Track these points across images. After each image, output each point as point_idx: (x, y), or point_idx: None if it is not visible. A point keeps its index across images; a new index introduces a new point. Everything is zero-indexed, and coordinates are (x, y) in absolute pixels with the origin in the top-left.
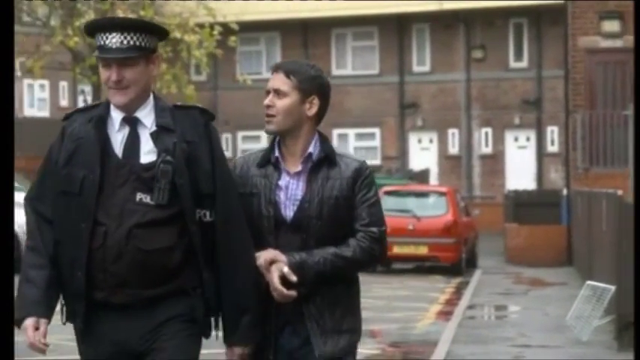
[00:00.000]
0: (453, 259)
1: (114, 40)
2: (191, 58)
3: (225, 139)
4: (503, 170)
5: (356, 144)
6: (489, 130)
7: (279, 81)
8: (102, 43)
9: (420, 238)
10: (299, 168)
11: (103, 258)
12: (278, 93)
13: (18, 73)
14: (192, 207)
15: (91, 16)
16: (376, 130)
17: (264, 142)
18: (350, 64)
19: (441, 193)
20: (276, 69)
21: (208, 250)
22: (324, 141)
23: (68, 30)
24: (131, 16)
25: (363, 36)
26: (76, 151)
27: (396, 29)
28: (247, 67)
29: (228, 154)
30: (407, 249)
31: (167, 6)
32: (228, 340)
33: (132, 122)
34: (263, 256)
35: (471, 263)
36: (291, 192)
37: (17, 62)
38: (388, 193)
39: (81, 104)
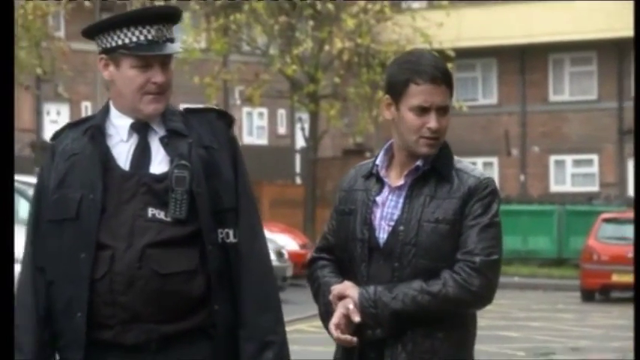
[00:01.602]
0: None
1: (153, 33)
2: None
3: None
4: None
5: (573, 170)
6: None
7: (443, 95)
8: (136, 38)
9: None
10: (401, 181)
11: (111, 288)
12: (443, 110)
13: (237, 101)
14: (212, 223)
15: (309, 44)
16: (594, 157)
17: (479, 168)
18: (567, 89)
19: None
20: (434, 79)
21: (224, 278)
22: (443, 149)
23: (286, 58)
24: (348, 44)
25: (581, 61)
26: (70, 170)
27: (615, 54)
28: (463, 94)
29: None
30: (626, 277)
31: (384, 33)
32: None
33: (142, 129)
34: (335, 290)
35: None
36: (387, 210)
37: (237, 90)
38: (607, 220)
39: (298, 132)
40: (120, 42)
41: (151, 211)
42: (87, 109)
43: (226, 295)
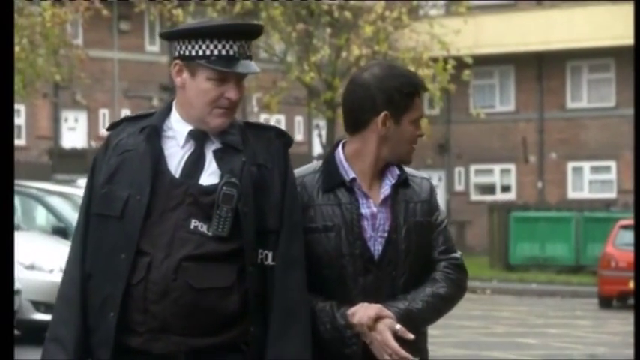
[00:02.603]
0: None
1: (234, 49)
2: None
3: (458, 172)
4: None
5: (591, 177)
6: None
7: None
8: (217, 52)
9: None
10: (387, 192)
11: (144, 295)
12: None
13: (255, 108)
14: (254, 243)
15: (326, 51)
16: (612, 164)
17: (497, 175)
18: (585, 96)
19: None
20: (422, 89)
21: (260, 299)
22: None
23: (304, 66)
24: (365, 51)
25: (599, 68)
26: (121, 166)
27: (633, 60)
28: (481, 101)
29: (461, 187)
30: None
31: (402, 40)
32: None
33: (200, 138)
34: (364, 313)
35: None
36: (379, 222)
37: (254, 97)
38: (624, 227)
39: (315, 139)
40: (200, 52)
41: (193, 223)
42: (105, 116)
43: (263, 316)
